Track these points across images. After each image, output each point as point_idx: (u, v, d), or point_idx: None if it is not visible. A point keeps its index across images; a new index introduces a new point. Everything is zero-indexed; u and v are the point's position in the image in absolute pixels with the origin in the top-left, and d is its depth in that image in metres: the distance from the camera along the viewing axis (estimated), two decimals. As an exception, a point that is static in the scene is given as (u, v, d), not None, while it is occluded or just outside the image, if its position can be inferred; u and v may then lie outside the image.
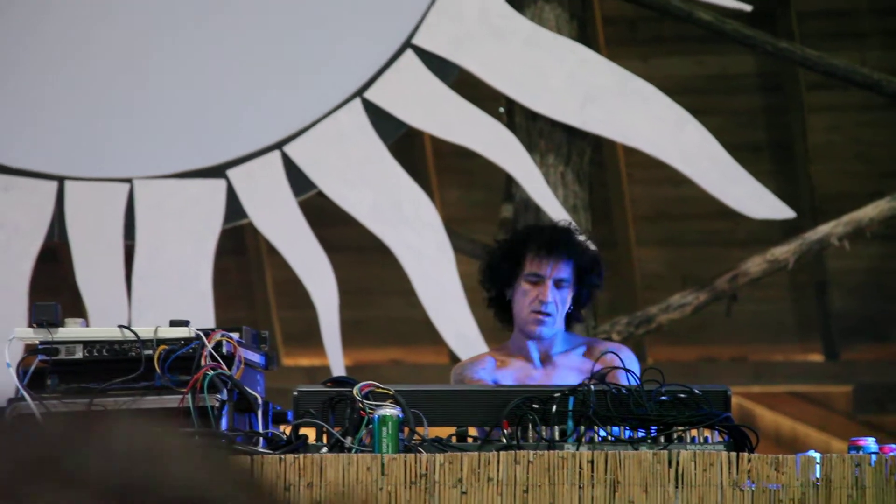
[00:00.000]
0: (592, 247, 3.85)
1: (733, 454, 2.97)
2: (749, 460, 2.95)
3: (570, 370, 3.72)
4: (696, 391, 3.11)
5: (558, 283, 3.69)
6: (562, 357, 3.74)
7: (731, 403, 3.15)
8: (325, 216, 6.58)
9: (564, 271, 3.70)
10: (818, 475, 2.93)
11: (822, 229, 6.46)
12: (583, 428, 3.08)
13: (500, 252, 3.78)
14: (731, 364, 8.34)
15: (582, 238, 3.79)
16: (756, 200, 6.18)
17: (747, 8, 6.29)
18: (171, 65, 6.24)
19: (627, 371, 3.39)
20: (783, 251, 6.47)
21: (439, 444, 3.08)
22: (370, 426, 3.06)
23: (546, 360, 3.74)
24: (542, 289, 3.67)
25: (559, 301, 3.68)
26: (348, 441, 3.08)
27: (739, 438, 3.08)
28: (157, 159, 6.21)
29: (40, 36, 6.24)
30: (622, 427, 3.09)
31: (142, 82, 6.23)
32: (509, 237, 3.86)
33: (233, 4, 6.25)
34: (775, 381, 8.37)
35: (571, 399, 3.10)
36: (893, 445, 3.06)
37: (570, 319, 3.79)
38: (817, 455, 2.97)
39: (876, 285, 8.02)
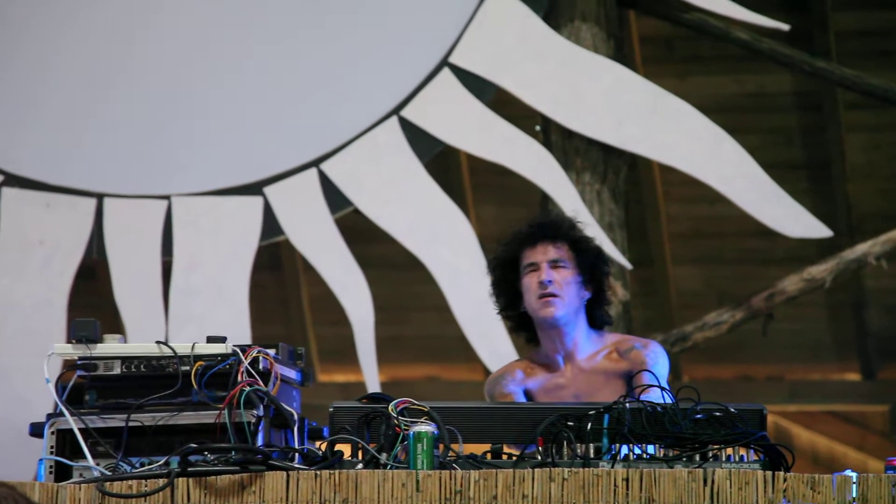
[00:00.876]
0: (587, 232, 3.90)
1: (769, 473, 2.96)
2: (785, 479, 2.95)
3: (596, 374, 3.74)
4: (732, 410, 3.11)
5: (555, 265, 3.74)
6: (588, 361, 3.76)
7: (766, 422, 3.15)
8: (361, 233, 6.61)
9: (557, 252, 3.77)
10: (854, 495, 2.92)
11: (860, 248, 6.44)
12: (618, 445, 3.08)
13: (497, 262, 3.84)
14: (767, 383, 8.30)
15: (573, 223, 3.84)
16: (793, 219, 6.17)
17: (784, 27, 6.28)
18: (209, 83, 6.28)
19: (651, 372, 3.44)
20: (820, 270, 6.44)
21: (474, 461, 3.09)
22: (405, 442, 3.07)
23: (573, 365, 3.76)
24: (539, 273, 3.71)
25: (560, 280, 3.72)
26: (383, 457, 3.10)
27: (775, 457, 3.07)
28: (194, 176, 6.25)
29: (79, 56, 6.29)
30: (657, 445, 3.09)
31: (180, 100, 6.27)
32: (500, 246, 3.90)
33: (271, 23, 6.29)
34: (812, 401, 8.33)
35: (606, 417, 3.10)
36: (930, 466, 3.04)
37: (596, 319, 3.80)
38: (854, 474, 2.96)
39: (914, 305, 7.98)
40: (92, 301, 6.78)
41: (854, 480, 2.93)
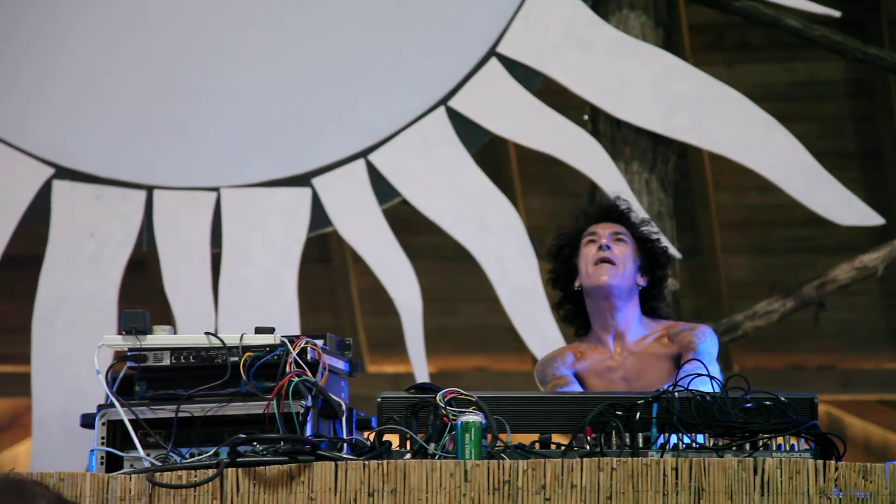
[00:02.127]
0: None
1: (820, 462, 2.94)
2: (836, 468, 2.92)
3: (645, 356, 3.74)
4: (782, 398, 3.09)
5: (616, 237, 3.76)
6: (637, 343, 3.76)
7: (817, 411, 3.12)
8: (409, 224, 6.61)
9: (619, 227, 3.82)
10: (907, 484, 2.90)
11: (913, 236, 6.38)
12: (667, 435, 3.07)
13: (559, 238, 3.90)
14: (818, 372, 8.24)
15: (643, 217, 3.92)
16: (844, 207, 6.12)
17: (836, 14, 6.23)
18: (257, 75, 6.30)
19: (701, 362, 3.44)
20: (872, 258, 6.39)
21: (522, 451, 3.09)
22: (453, 432, 3.07)
23: (622, 347, 3.77)
24: (599, 240, 3.78)
25: (619, 252, 3.74)
26: (431, 447, 3.10)
27: (826, 446, 3.05)
28: (243, 168, 6.28)
29: (128, 48, 6.33)
30: (707, 434, 3.07)
31: (228, 92, 6.30)
32: (571, 220, 3.95)
33: (319, 14, 6.30)
34: (865, 390, 8.27)
35: (655, 406, 3.09)
36: (984, 454, 3.01)
37: (651, 310, 3.80)
38: (906, 463, 2.93)
39: (967, 293, 7.89)
40: (142, 293, 6.83)
41: (906, 469, 2.91)
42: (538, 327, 6.11)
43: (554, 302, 3.99)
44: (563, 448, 3.11)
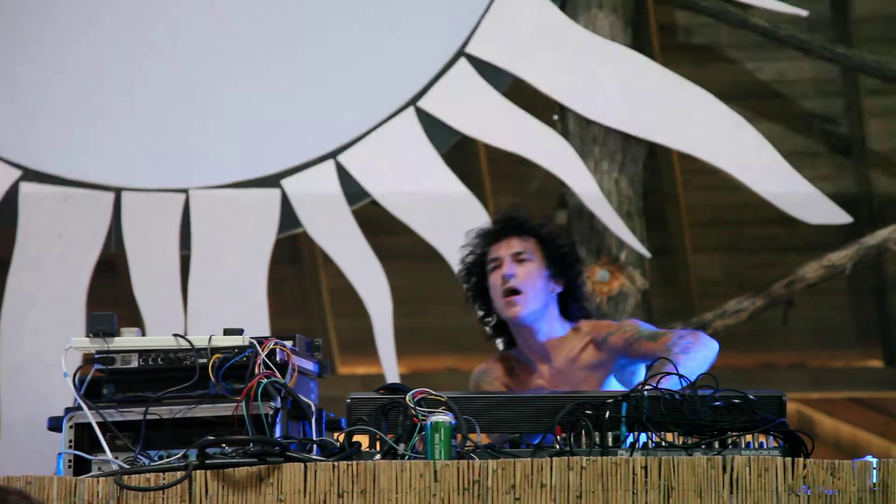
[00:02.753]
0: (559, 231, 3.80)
1: (788, 459, 2.95)
2: (804, 466, 2.93)
3: (576, 371, 3.70)
4: (751, 396, 3.09)
5: (518, 258, 3.67)
6: (565, 359, 3.71)
7: (786, 409, 3.13)
8: (379, 225, 6.60)
9: (522, 244, 3.68)
10: (875, 480, 2.91)
11: (881, 234, 6.41)
12: (636, 433, 3.07)
13: (465, 266, 3.76)
14: (789, 370, 8.27)
15: (542, 219, 3.74)
16: (813, 206, 6.14)
17: (803, 13, 6.25)
18: (225, 76, 6.28)
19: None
20: (840, 256, 6.42)
21: (492, 451, 3.08)
22: (423, 433, 3.07)
23: (549, 366, 3.72)
24: (502, 268, 3.65)
25: (524, 274, 3.66)
26: (401, 448, 3.09)
27: (795, 444, 3.06)
28: (212, 169, 6.26)
29: (95, 49, 6.30)
30: (676, 433, 3.07)
31: (197, 93, 6.28)
32: (465, 248, 3.83)
33: (287, 15, 6.29)
34: (834, 388, 8.30)
35: (625, 405, 3.09)
36: (952, 451, 3.03)
37: (571, 313, 3.74)
38: (874, 460, 2.94)
39: (935, 290, 7.93)
40: (110, 295, 6.79)
41: (874, 466, 2.92)
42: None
43: (477, 318, 3.88)
44: (532, 447, 3.11)
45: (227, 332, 3.29)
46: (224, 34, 6.30)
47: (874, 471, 2.91)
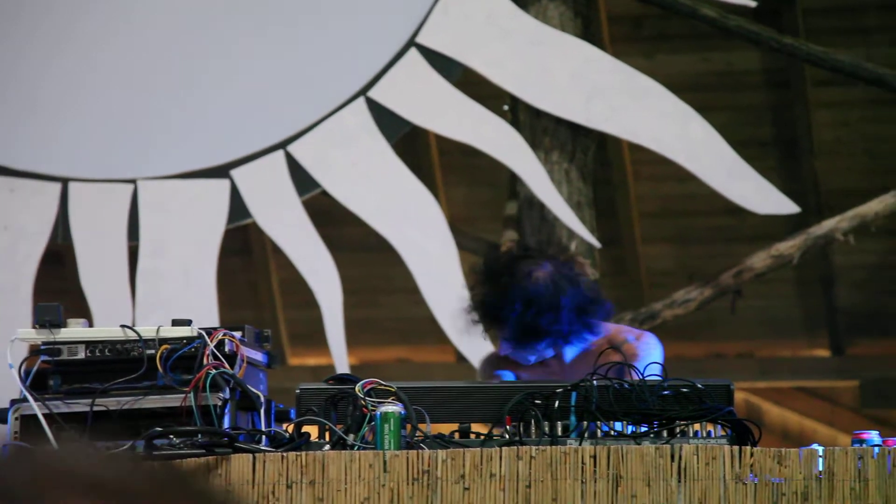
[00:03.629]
0: (543, 273, 3.59)
1: (736, 448, 2.96)
2: (752, 454, 2.95)
3: (586, 367, 3.68)
4: (699, 385, 3.11)
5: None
6: (580, 359, 3.68)
7: (734, 398, 3.15)
8: (329, 215, 6.58)
9: (543, 351, 3.61)
10: (821, 468, 2.93)
11: (827, 224, 6.45)
12: (585, 423, 3.08)
13: (479, 321, 3.68)
14: (737, 360, 8.33)
15: (555, 306, 3.54)
16: (761, 196, 6.17)
17: (752, 4, 6.28)
18: (174, 66, 6.24)
19: (632, 367, 3.32)
20: (788, 246, 6.46)
21: (441, 441, 3.08)
22: (372, 423, 3.06)
23: (561, 363, 3.70)
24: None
25: (542, 349, 3.63)
26: (350, 438, 3.08)
27: (742, 432, 3.07)
28: (160, 160, 6.21)
29: (43, 38, 6.24)
30: (625, 422, 3.08)
31: (145, 83, 6.23)
32: (479, 313, 3.65)
33: (238, 5, 6.25)
34: (782, 377, 8.36)
35: (574, 394, 3.10)
36: (897, 439, 3.05)
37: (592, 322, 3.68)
38: (820, 448, 2.96)
39: (881, 280, 8.01)
40: (58, 286, 6.73)
41: (820, 454, 2.94)
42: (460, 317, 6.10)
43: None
44: (482, 437, 3.11)
45: (175, 322, 3.27)
46: (174, 24, 6.25)
47: (820, 459, 2.93)
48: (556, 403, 3.08)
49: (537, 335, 3.55)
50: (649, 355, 3.62)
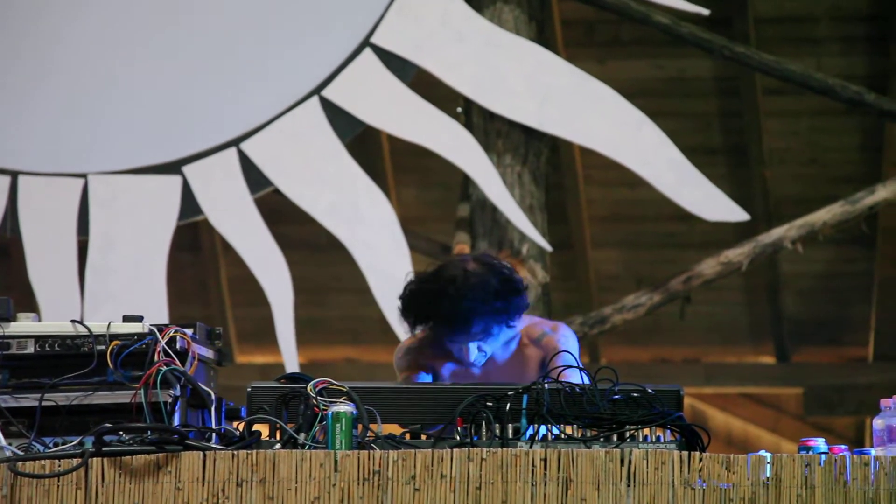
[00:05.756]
0: (507, 283, 3.60)
1: (685, 453, 2.99)
2: (700, 459, 2.97)
3: (508, 365, 3.71)
4: (649, 390, 3.13)
5: (481, 341, 3.65)
6: (502, 352, 3.72)
7: (683, 403, 3.17)
8: (281, 214, 6.57)
9: (479, 336, 3.61)
10: (769, 475, 2.96)
11: (776, 232, 6.51)
12: (536, 426, 3.09)
13: (411, 322, 3.65)
14: (683, 365, 8.38)
15: (487, 291, 3.57)
16: (711, 203, 6.22)
17: (705, 12, 6.33)
18: (127, 61, 6.21)
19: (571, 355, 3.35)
20: (737, 253, 6.51)
21: (393, 441, 3.08)
22: (324, 423, 3.06)
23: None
24: (463, 348, 3.63)
25: (485, 346, 3.65)
26: (301, 437, 3.08)
27: (691, 438, 3.09)
28: (112, 155, 6.18)
29: (-5, 29, 6.20)
30: (575, 425, 3.10)
31: (98, 78, 6.20)
32: (414, 309, 3.64)
33: (190, 2, 6.23)
34: (727, 383, 8.43)
35: (525, 397, 3.11)
36: (843, 447, 3.09)
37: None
38: (768, 455, 2.99)
39: (828, 289, 8.09)
40: (5, 280, 6.69)
41: (768, 460, 2.96)
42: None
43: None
44: (433, 439, 3.12)
45: (126, 318, 3.25)
46: (127, 18, 6.22)
47: (768, 465, 2.96)
48: (508, 406, 3.10)
49: (470, 315, 3.57)
50: (568, 347, 3.65)
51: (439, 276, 3.65)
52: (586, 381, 3.19)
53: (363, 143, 7.29)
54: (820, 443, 3.07)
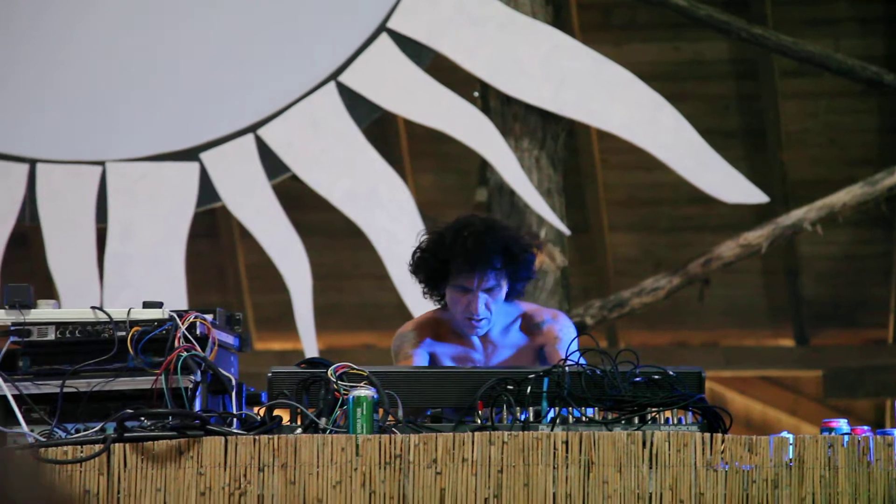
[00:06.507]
0: (521, 236, 3.69)
1: (707, 435, 2.98)
2: (722, 441, 2.96)
3: (507, 349, 3.71)
4: (671, 373, 3.12)
5: (488, 290, 3.64)
6: (501, 336, 3.72)
7: (704, 385, 3.16)
8: (298, 200, 6.57)
9: (491, 280, 3.62)
10: (791, 456, 2.95)
11: (795, 214, 6.49)
12: (557, 409, 3.08)
13: (426, 266, 3.67)
14: (702, 349, 8.36)
15: (506, 234, 3.64)
16: (730, 185, 6.20)
17: (722, -7, 6.30)
18: (145, 48, 6.21)
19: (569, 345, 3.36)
20: (756, 236, 6.49)
21: (414, 425, 3.08)
22: (345, 407, 3.06)
23: (484, 339, 3.72)
24: (471, 298, 3.62)
25: (491, 303, 3.65)
26: (323, 422, 3.08)
27: (713, 420, 3.09)
28: (129, 142, 6.18)
29: (13, 20, 6.20)
30: (597, 408, 3.09)
31: (116, 66, 6.20)
32: (431, 248, 3.68)
33: (206, -13, 6.22)
34: (746, 366, 8.41)
35: (546, 380, 3.10)
36: (865, 428, 3.07)
37: (512, 295, 3.72)
38: (790, 436, 2.98)
39: (847, 271, 8.06)
40: (24, 268, 6.70)
41: (791, 442, 2.95)
42: (428, 304, 6.10)
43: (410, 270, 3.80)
44: (454, 422, 3.11)
45: (146, 305, 3.25)
46: (145, 6, 6.22)
47: (790, 447, 2.95)
48: (529, 389, 3.09)
49: (486, 250, 3.58)
50: (569, 336, 3.65)
51: (455, 222, 3.69)
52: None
53: (380, 128, 7.28)
54: (842, 424, 3.06)
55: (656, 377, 3.11)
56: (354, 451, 2.99)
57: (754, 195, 6.21)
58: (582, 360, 3.26)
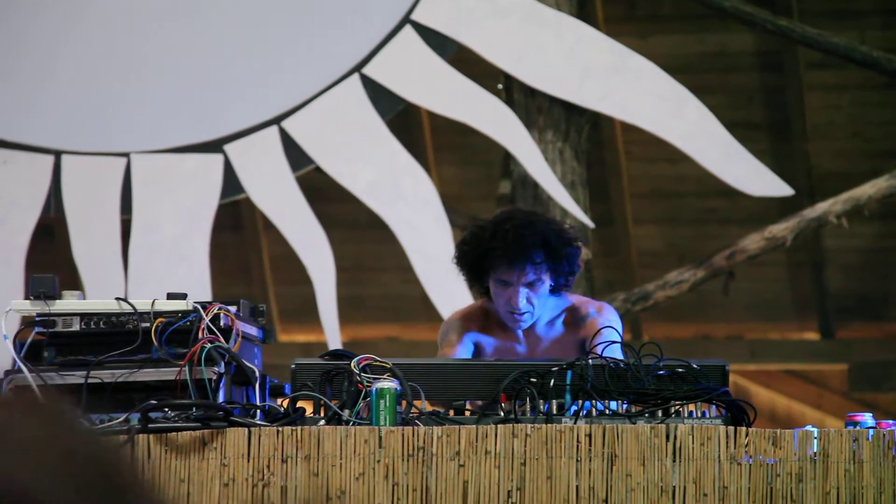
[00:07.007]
0: (564, 230, 3.69)
1: (731, 428, 2.97)
2: (747, 434, 2.95)
3: (552, 342, 3.70)
4: (695, 366, 3.11)
5: (529, 284, 3.62)
6: (546, 329, 3.71)
7: (728, 378, 3.15)
8: (322, 192, 6.57)
9: (531, 274, 3.60)
10: (815, 449, 2.93)
11: (821, 207, 6.46)
12: (581, 402, 3.08)
13: (467, 259, 3.66)
14: (726, 342, 8.34)
15: (547, 228, 3.63)
16: (755, 178, 6.18)
17: (747, -15, 6.27)
18: (169, 39, 6.22)
19: (613, 343, 3.35)
20: (781, 229, 6.46)
21: (437, 417, 3.08)
22: (368, 399, 3.06)
23: (529, 332, 3.71)
24: (512, 292, 3.60)
25: (533, 297, 3.62)
26: (346, 414, 3.08)
27: (737, 413, 3.08)
28: (154, 133, 6.19)
29: (38, 10, 6.21)
30: (620, 401, 3.09)
31: (140, 56, 6.21)
32: (472, 240, 3.67)
33: (231, -21, 6.22)
34: (771, 360, 8.38)
35: (569, 373, 3.10)
36: (891, 422, 3.06)
37: (557, 289, 3.71)
38: (815, 430, 2.97)
39: (872, 264, 8.02)
40: (49, 260, 6.72)
41: (815, 436, 2.94)
42: (451, 296, 6.11)
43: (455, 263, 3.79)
44: (477, 414, 3.11)
45: (170, 296, 3.26)
46: (167, 0, 6.23)
47: (815, 440, 2.94)
48: (552, 382, 3.09)
49: (530, 246, 3.58)
50: (611, 329, 3.62)
51: (498, 215, 3.72)
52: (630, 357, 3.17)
53: (404, 120, 7.28)
54: (867, 418, 3.05)
55: (680, 370, 3.10)
56: (377, 443, 2.99)
57: (779, 188, 6.18)
58: (627, 351, 3.24)
